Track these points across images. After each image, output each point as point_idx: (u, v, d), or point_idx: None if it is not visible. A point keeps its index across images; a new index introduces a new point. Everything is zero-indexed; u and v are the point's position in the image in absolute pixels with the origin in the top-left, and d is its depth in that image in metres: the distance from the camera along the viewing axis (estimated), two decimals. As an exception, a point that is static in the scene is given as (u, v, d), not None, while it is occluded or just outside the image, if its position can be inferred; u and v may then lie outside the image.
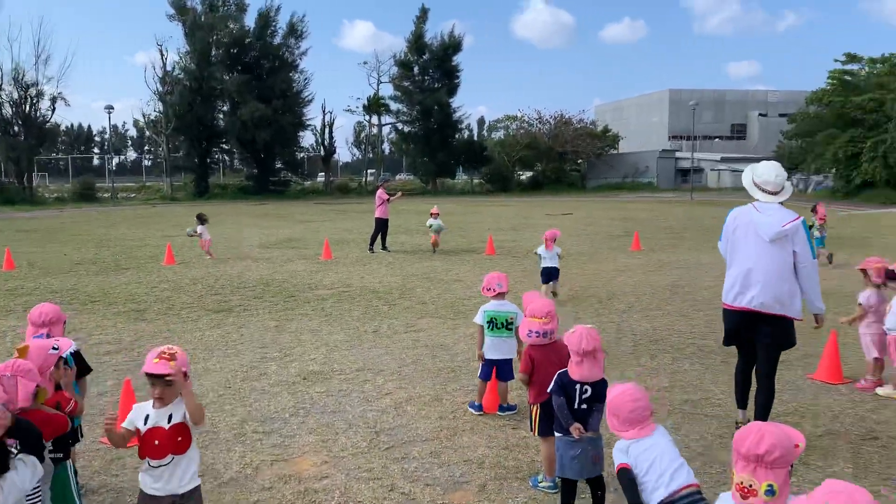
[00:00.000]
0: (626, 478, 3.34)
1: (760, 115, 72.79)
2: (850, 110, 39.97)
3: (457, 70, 58.19)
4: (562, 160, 60.76)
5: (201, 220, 16.83)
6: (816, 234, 13.97)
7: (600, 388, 3.92)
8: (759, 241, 5.03)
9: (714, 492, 4.40)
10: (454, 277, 13.25)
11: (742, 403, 5.52)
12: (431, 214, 17.60)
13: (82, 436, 4.45)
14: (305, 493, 4.48)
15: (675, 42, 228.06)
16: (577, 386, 3.97)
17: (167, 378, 3.32)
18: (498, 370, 5.84)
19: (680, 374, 6.93)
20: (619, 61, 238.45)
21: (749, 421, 5.20)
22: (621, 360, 7.43)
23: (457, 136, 59.62)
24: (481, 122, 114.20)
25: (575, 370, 3.98)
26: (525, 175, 62.34)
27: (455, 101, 58.54)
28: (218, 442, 5.33)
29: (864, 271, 6.77)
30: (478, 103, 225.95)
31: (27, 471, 2.97)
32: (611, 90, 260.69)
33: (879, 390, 6.32)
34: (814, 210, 14.89)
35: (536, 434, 4.61)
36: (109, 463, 4.98)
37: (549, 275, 10.86)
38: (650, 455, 3.31)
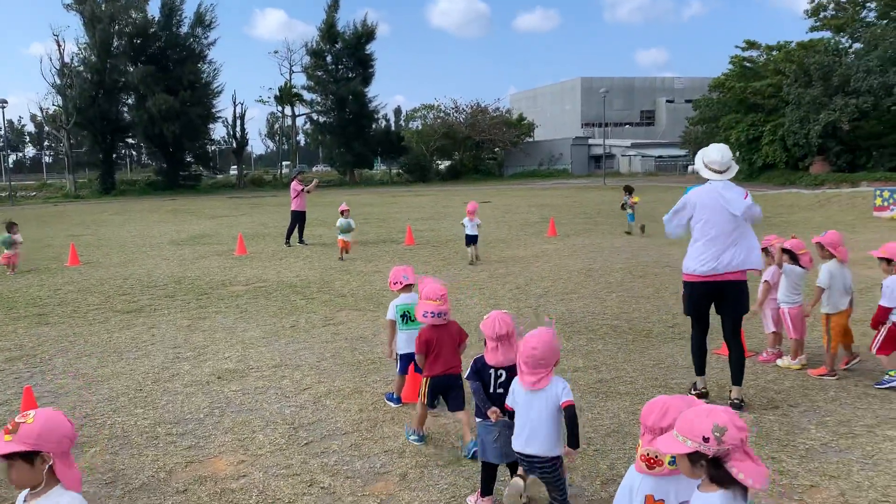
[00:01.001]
0: (506, 417, 3.86)
1: (668, 101, 75.49)
2: (750, 95, 41.92)
3: (371, 59, 57.80)
4: (479, 149, 61.36)
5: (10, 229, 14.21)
6: (629, 210, 17.67)
7: (513, 372, 3.95)
8: (730, 215, 5.50)
9: (627, 466, 4.57)
10: (373, 269, 13.18)
11: (701, 370, 5.95)
12: (341, 213, 14.67)
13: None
14: (222, 493, 4.38)
15: (587, 30, 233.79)
16: (492, 371, 4.07)
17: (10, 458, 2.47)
18: (416, 364, 5.76)
19: (594, 355, 7.13)
20: (533, 50, 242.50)
21: (706, 388, 5.88)
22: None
23: (373, 126, 59.25)
24: (398, 111, 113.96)
25: (490, 356, 4.06)
26: (443, 164, 62.62)
27: (370, 91, 58.29)
28: (129, 446, 5.14)
29: (765, 250, 7.12)
30: (394, 93, 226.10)
31: None
32: (525, 79, 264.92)
33: (779, 362, 6.68)
34: (626, 190, 18.05)
35: (425, 402, 4.96)
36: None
37: (471, 241, 13.36)
38: (523, 408, 3.70)
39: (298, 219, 17.30)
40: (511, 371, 3.99)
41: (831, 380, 6.17)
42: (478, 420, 4.13)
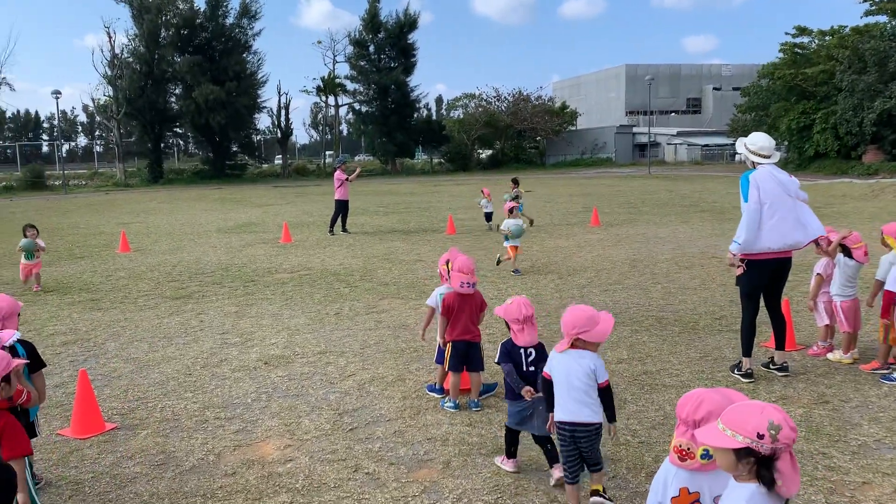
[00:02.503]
0: (544, 384, 3.92)
1: (715, 88, 73.86)
2: (801, 83, 40.76)
3: (413, 48, 57.79)
4: (520, 138, 60.96)
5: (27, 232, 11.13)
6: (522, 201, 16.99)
7: (542, 350, 4.35)
8: (787, 195, 5.79)
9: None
10: (415, 258, 13.24)
11: (748, 351, 6.06)
12: (509, 212, 14.52)
13: (39, 429, 4.35)
14: (269, 476, 4.47)
15: (633, 17, 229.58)
16: (522, 350, 4.34)
17: None
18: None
19: (639, 346, 7.05)
20: (577, 37, 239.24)
21: (752, 369, 6.04)
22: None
23: (415, 115, 59.29)
24: (439, 100, 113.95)
25: (519, 337, 4.34)
26: (484, 153, 62.39)
27: (412, 80, 58.26)
28: (179, 430, 5.27)
29: (816, 242, 6.94)
30: (436, 81, 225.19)
31: None
32: (569, 66, 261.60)
33: (830, 356, 6.52)
34: (515, 182, 17.49)
35: (447, 368, 5.49)
36: (67, 455, 4.89)
37: (489, 217, 17.19)
38: (565, 374, 3.78)
39: (342, 208, 17.46)
40: (538, 349, 4.34)
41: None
42: (508, 401, 4.43)
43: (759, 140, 5.95)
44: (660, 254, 12.70)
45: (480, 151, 62.22)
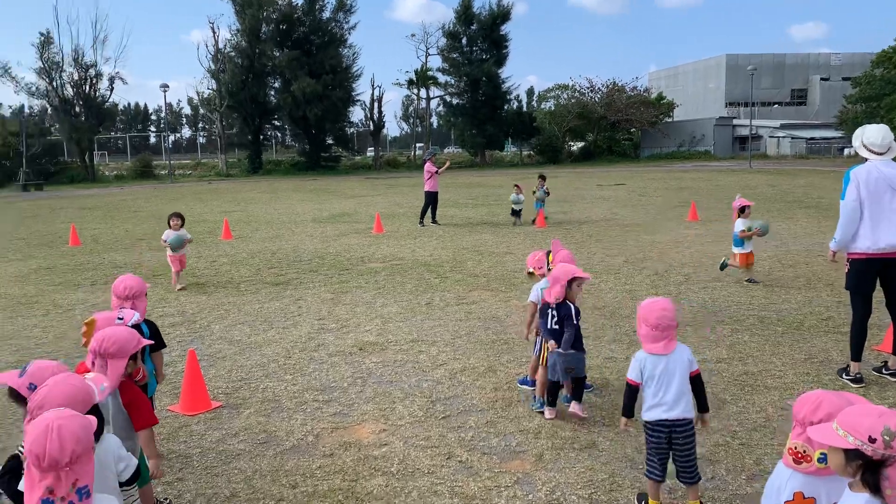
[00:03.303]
0: (629, 391, 3.86)
1: (822, 79, 70.11)
2: (920, 72, 38.18)
3: (505, 40, 57.55)
4: (614, 129, 59.71)
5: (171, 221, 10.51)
6: (541, 195, 17.60)
7: (563, 310, 4.97)
8: (893, 192, 5.52)
9: (775, 462, 4.35)
10: (505, 250, 13.22)
11: (857, 355, 5.81)
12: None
13: (154, 406, 4.61)
14: (365, 459, 4.58)
15: (734, 5, 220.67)
16: (549, 311, 5.02)
17: None
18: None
19: (739, 346, 6.80)
20: (675, 26, 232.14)
21: (860, 374, 5.77)
22: (679, 331, 7.30)
23: (505, 107, 59.09)
24: (531, 92, 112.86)
25: (548, 293, 5.03)
26: (576, 146, 61.49)
27: (503, 72, 58.06)
28: (279, 410, 5.48)
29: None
30: (527, 73, 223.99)
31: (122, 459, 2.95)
32: (666, 56, 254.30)
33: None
34: (542, 178, 18.18)
35: (542, 364, 5.40)
36: (177, 430, 5.17)
37: (517, 212, 17.09)
38: (660, 376, 3.72)
39: (431, 199, 17.63)
40: (560, 309, 4.97)
41: None
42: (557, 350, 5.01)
43: (872, 133, 5.64)
44: (762, 251, 12.18)
45: (572, 144, 61.34)
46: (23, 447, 2.87)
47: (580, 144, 61.17)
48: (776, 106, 70.64)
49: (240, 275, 11.36)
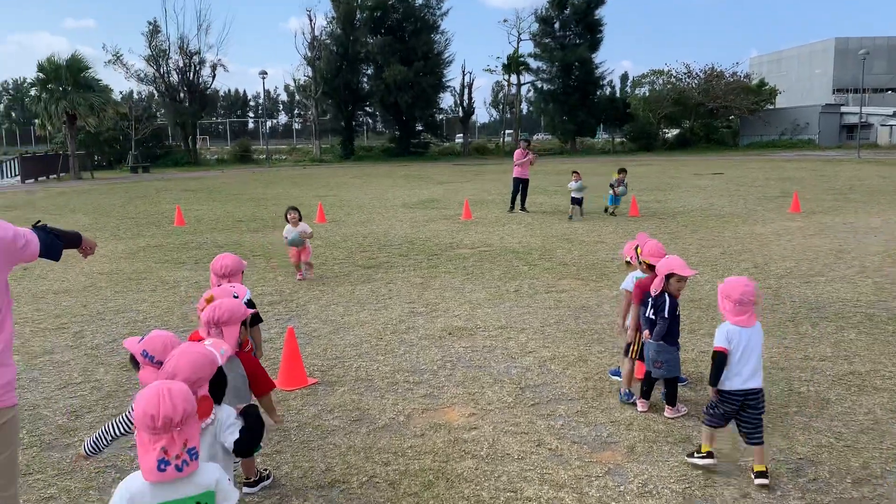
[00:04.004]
0: (719, 359, 4.05)
1: (944, 63, 65.20)
2: None
3: (600, 24, 56.27)
4: (712, 117, 57.52)
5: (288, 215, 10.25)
6: (611, 192, 16.46)
7: (660, 301, 4.90)
8: None
9: (883, 467, 4.15)
10: (596, 239, 13.03)
11: None
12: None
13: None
14: (455, 442, 4.65)
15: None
16: (650, 299, 4.98)
17: None
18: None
19: (845, 344, 6.48)
20: (779, 9, 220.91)
21: None
22: (779, 327, 7.05)
23: (598, 93, 57.89)
24: (624, 77, 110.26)
25: (651, 283, 5.01)
26: (671, 133, 59.64)
27: (597, 57, 56.81)
28: (372, 389, 5.63)
29: None
30: (621, 58, 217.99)
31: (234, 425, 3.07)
32: (769, 41, 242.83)
33: None
34: (623, 171, 16.78)
35: (633, 356, 5.31)
36: (275, 404, 5.37)
37: (577, 201, 16.08)
38: (743, 349, 4.01)
39: (519, 186, 17.54)
40: (657, 300, 4.90)
41: None
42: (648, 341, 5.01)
43: None
44: (870, 245, 11.53)
45: (666, 131, 59.53)
46: (131, 413, 3.07)
47: (675, 132, 59.26)
48: (889, 92, 66.22)
49: (333, 257, 11.67)
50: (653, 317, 4.95)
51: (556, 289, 9.04)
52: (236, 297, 3.94)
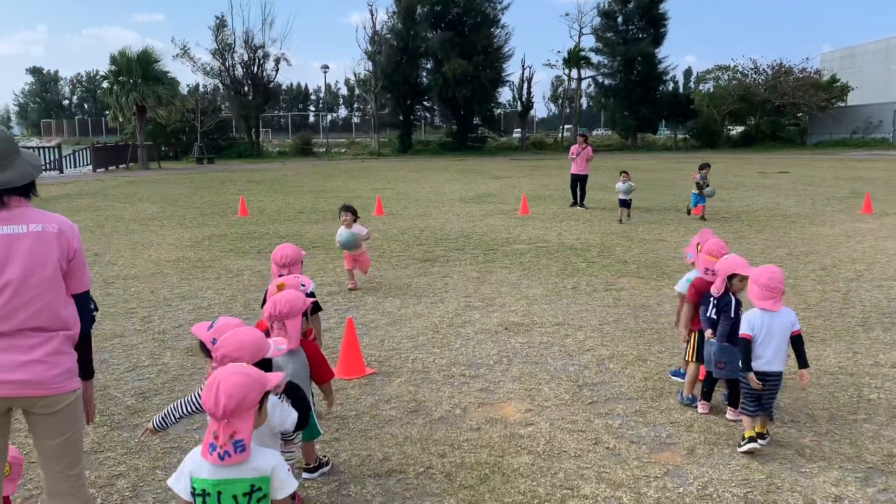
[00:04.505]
0: (744, 345, 4.33)
1: None
2: None
3: (664, 18, 55.15)
4: (779, 114, 55.78)
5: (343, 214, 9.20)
6: (695, 191, 15.58)
7: (723, 302, 4.81)
8: None
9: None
10: (657, 237, 12.80)
11: None
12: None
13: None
14: (511, 437, 4.65)
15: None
16: (712, 299, 4.87)
17: None
18: None
19: (919, 352, 6.23)
20: (853, 3, 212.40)
21: None
22: (848, 332, 6.81)
23: (661, 88, 56.75)
24: (688, 73, 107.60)
25: (712, 284, 4.92)
26: (736, 130, 58.09)
27: (660, 52, 55.67)
28: (428, 381, 5.66)
29: None
30: (685, 53, 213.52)
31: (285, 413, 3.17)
32: (842, 35, 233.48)
33: None
34: (705, 167, 15.83)
35: (689, 358, 5.22)
36: (334, 393, 5.44)
37: (625, 203, 15.16)
38: (765, 334, 4.26)
39: (579, 182, 17.36)
40: (719, 301, 4.81)
41: None
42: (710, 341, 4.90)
43: None
44: (949, 250, 11.02)
45: (731, 128, 58.00)
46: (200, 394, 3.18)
47: (740, 129, 57.70)
48: (972, 89, 63.02)
49: (391, 249, 11.77)
50: (715, 317, 4.85)
51: (615, 287, 8.92)
52: (303, 287, 4.02)
